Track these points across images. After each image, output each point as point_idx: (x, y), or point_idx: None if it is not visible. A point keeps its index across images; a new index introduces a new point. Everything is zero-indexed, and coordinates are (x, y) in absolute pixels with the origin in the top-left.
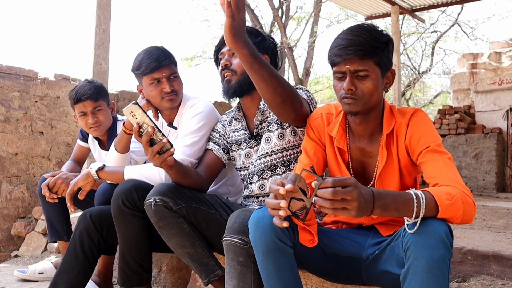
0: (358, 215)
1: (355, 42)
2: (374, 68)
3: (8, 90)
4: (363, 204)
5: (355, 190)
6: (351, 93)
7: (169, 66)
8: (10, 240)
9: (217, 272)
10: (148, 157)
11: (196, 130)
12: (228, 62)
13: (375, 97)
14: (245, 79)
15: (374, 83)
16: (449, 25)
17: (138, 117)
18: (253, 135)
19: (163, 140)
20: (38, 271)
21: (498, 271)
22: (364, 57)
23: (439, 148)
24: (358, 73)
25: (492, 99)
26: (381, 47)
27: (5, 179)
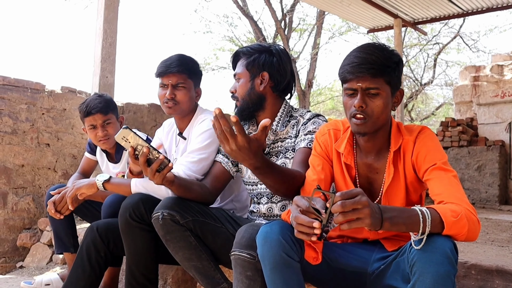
0: (372, 222)
1: (367, 60)
2: (384, 87)
3: (15, 103)
4: (374, 212)
5: (364, 197)
6: (361, 110)
7: (176, 74)
8: (15, 251)
9: (223, 285)
10: (148, 176)
11: (204, 147)
12: (234, 89)
13: (384, 116)
14: (244, 104)
15: (384, 102)
16: (451, 37)
17: (131, 140)
18: (264, 153)
19: (159, 157)
20: (44, 282)
21: (501, 286)
22: (376, 75)
23: (445, 166)
24: (369, 90)
25: (494, 111)
26: (392, 67)
27: (11, 190)
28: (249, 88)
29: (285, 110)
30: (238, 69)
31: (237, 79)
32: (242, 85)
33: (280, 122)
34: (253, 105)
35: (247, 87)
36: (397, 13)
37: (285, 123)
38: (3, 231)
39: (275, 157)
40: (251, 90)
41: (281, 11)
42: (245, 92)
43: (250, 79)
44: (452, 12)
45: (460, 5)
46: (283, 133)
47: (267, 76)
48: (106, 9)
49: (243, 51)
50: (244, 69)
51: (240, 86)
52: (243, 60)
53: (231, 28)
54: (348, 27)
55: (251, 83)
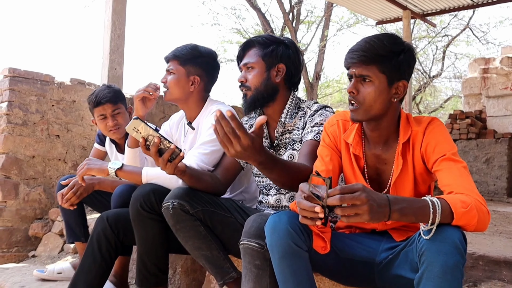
0: (372, 218)
1: (361, 48)
2: (378, 75)
3: (25, 94)
4: (375, 208)
5: (363, 194)
6: (352, 96)
7: (170, 60)
8: (27, 241)
9: (232, 274)
10: (160, 166)
11: (215, 139)
12: (244, 78)
13: (378, 105)
14: (258, 94)
15: (376, 90)
16: (461, 29)
17: (142, 131)
18: (273, 145)
19: (171, 147)
20: (56, 271)
21: (509, 276)
22: (367, 62)
23: (454, 157)
24: (362, 77)
25: (504, 104)
26: (388, 56)
27: (23, 181)
28: (265, 78)
29: (293, 101)
30: (250, 58)
31: (249, 68)
32: (257, 75)
33: (288, 114)
34: (267, 95)
35: (263, 77)
36: (406, 5)
37: (293, 114)
38: (16, 221)
39: (284, 149)
40: (267, 81)
41: (289, 3)
42: (260, 82)
43: (266, 69)
44: (461, 4)
45: None
46: (291, 124)
47: (284, 68)
48: (114, 1)
49: (259, 40)
50: (260, 59)
51: (254, 76)
52: (258, 50)
53: (239, 20)
54: (356, 19)
55: (267, 74)
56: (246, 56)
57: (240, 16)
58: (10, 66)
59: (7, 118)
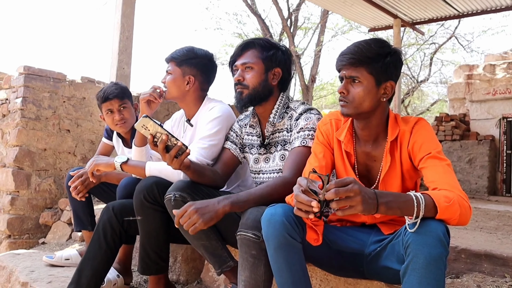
0: (364, 209)
1: (350, 51)
2: (366, 76)
3: (39, 91)
4: (367, 198)
5: (355, 185)
6: (343, 96)
7: (170, 62)
8: (38, 228)
9: (229, 263)
10: (167, 162)
11: (213, 134)
12: (241, 77)
13: (366, 104)
14: (255, 93)
15: (365, 90)
16: (447, 38)
17: (150, 128)
18: (264, 144)
19: (177, 144)
20: (64, 257)
21: (489, 269)
22: (355, 64)
23: (439, 155)
24: (352, 78)
25: (486, 108)
26: (376, 59)
27: (35, 172)
28: (263, 79)
29: (282, 102)
30: (250, 58)
31: (248, 68)
32: (256, 75)
33: (277, 114)
34: (263, 96)
35: (261, 78)
36: (396, 14)
37: (282, 114)
38: (27, 210)
39: (274, 147)
40: (265, 82)
41: (287, 10)
42: (258, 83)
43: (264, 71)
44: (448, 14)
45: (456, 7)
46: (280, 124)
47: (280, 73)
48: (123, 4)
49: (260, 43)
50: (259, 61)
51: (253, 76)
52: (258, 51)
53: (240, 25)
54: (350, 26)
55: (265, 76)
56: (244, 56)
57: (241, 21)
58: (25, 64)
59: (21, 113)
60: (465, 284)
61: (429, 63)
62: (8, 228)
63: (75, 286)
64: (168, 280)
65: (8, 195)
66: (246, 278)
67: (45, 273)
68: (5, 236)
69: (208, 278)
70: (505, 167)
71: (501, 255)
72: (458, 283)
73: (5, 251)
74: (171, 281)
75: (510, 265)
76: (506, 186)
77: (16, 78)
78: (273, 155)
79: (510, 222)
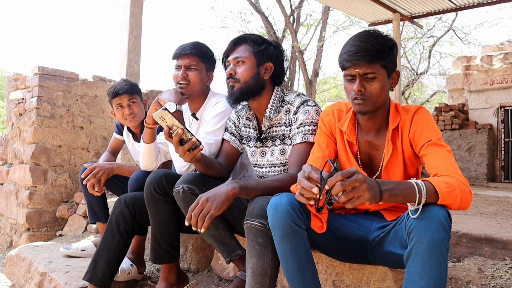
0: (371, 197)
1: (363, 48)
2: (381, 71)
3: (53, 90)
4: (372, 186)
5: (359, 175)
6: (360, 94)
7: (190, 56)
8: (55, 221)
9: (238, 252)
10: (179, 154)
11: (218, 129)
12: (233, 71)
13: (383, 97)
14: (247, 87)
15: (381, 84)
16: (445, 31)
17: (168, 120)
18: (260, 138)
19: (192, 139)
20: (80, 248)
21: (489, 252)
22: (371, 61)
23: (439, 142)
24: (366, 75)
25: (484, 98)
26: (387, 52)
27: (51, 168)
28: (255, 73)
29: (277, 96)
30: (242, 53)
31: (240, 62)
32: (247, 69)
33: (273, 108)
34: (255, 90)
35: (253, 72)
36: (395, 8)
37: (278, 108)
38: (45, 204)
39: (271, 141)
40: (257, 76)
41: (289, 7)
42: (250, 77)
43: (256, 65)
44: (445, 7)
45: (453, 0)
46: (277, 118)
47: (272, 67)
48: (132, 5)
49: (252, 38)
50: (251, 55)
51: (245, 70)
52: (250, 46)
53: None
54: (350, 21)
55: (257, 69)
56: (236, 50)
57: (245, 20)
58: (40, 65)
59: (37, 112)
60: (467, 267)
61: (428, 55)
62: (27, 222)
63: (91, 275)
64: (179, 269)
65: (26, 190)
66: (253, 265)
67: (63, 264)
68: (24, 229)
69: (218, 266)
70: (503, 154)
71: (500, 238)
72: (460, 266)
73: (24, 243)
74: (183, 269)
75: (510, 248)
76: (504, 173)
77: (31, 78)
78: (271, 149)
79: (509, 207)
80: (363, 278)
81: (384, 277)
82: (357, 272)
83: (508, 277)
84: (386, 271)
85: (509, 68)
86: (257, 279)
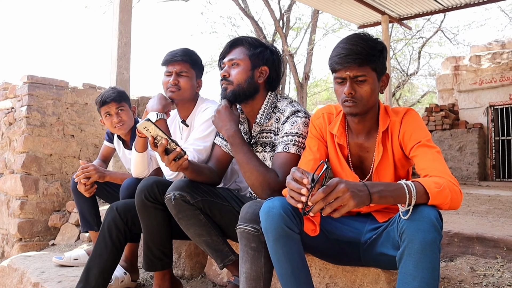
0: (357, 203)
1: (353, 51)
2: (371, 74)
3: (43, 99)
4: (356, 192)
5: (341, 184)
6: (351, 97)
7: (180, 63)
8: (47, 231)
9: (231, 257)
10: (165, 163)
11: (207, 135)
12: (227, 73)
13: (373, 99)
14: (240, 90)
15: (372, 87)
16: (434, 32)
17: (152, 131)
18: (250, 143)
19: (176, 150)
20: (73, 257)
21: (481, 251)
22: (362, 64)
23: (429, 143)
24: (357, 78)
25: (473, 97)
26: (377, 55)
27: (42, 177)
28: (249, 76)
29: (269, 102)
30: (237, 55)
31: (234, 65)
32: (241, 72)
33: (264, 114)
34: (248, 93)
35: (247, 75)
36: (384, 10)
37: (269, 114)
38: (36, 213)
39: (260, 147)
40: (251, 79)
41: (279, 11)
42: (244, 79)
43: (250, 68)
44: (434, 8)
45: (441, 1)
46: (268, 125)
47: (267, 71)
48: (121, 12)
49: (248, 40)
50: (246, 58)
51: (239, 72)
52: (245, 49)
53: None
54: (340, 24)
55: (251, 73)
56: (232, 52)
57: (235, 24)
58: (29, 74)
59: (27, 121)
60: (459, 266)
61: (417, 56)
62: (19, 232)
63: (83, 284)
64: (173, 275)
65: (17, 200)
66: (247, 270)
67: (55, 273)
68: (16, 239)
69: (212, 272)
70: (494, 153)
71: (492, 237)
72: (452, 266)
73: (16, 253)
74: (176, 276)
75: (501, 247)
76: (495, 172)
77: (20, 87)
78: (261, 155)
79: (500, 205)
80: (356, 280)
81: (377, 279)
82: (350, 275)
83: (500, 275)
84: (379, 273)
85: (498, 67)
86: (250, 284)
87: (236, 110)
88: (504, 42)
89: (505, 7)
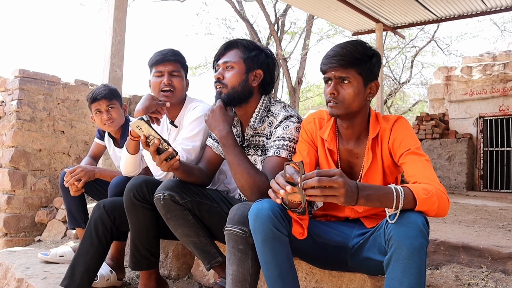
0: (346, 201)
1: (339, 53)
2: (356, 77)
3: (34, 93)
4: (349, 191)
5: (341, 178)
6: (333, 97)
7: (173, 63)
8: (34, 227)
9: (218, 259)
10: (156, 163)
11: (196, 135)
12: (221, 75)
13: (356, 103)
14: (234, 93)
15: (355, 90)
16: (427, 41)
17: (144, 130)
18: (243, 146)
19: (168, 150)
20: (59, 254)
21: (466, 260)
22: (346, 66)
23: (418, 151)
24: (341, 79)
25: (464, 108)
26: (364, 60)
27: (30, 172)
28: (243, 80)
29: (263, 105)
30: (232, 57)
31: (229, 67)
32: (236, 75)
33: (257, 117)
34: (243, 97)
35: (241, 78)
36: (378, 18)
37: (263, 118)
38: (23, 209)
39: (253, 150)
40: (245, 82)
41: (274, 15)
42: (238, 82)
43: (245, 71)
44: (427, 18)
45: (435, 12)
46: (260, 128)
47: (261, 75)
48: (115, 10)
49: (243, 43)
50: (241, 60)
51: (233, 75)
52: (240, 51)
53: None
54: (334, 30)
55: (245, 76)
56: (226, 55)
57: (230, 26)
58: (21, 68)
59: (17, 115)
60: (444, 275)
61: (410, 65)
62: (5, 227)
63: (68, 281)
64: (159, 275)
65: (4, 195)
66: (233, 272)
67: (40, 270)
68: (1, 234)
69: (198, 273)
70: (482, 163)
71: (477, 246)
72: (438, 274)
73: (1, 248)
74: (163, 276)
75: (486, 256)
76: (483, 182)
77: (11, 81)
78: (253, 158)
79: (486, 215)
80: (342, 285)
81: (363, 284)
82: (336, 280)
83: (484, 285)
84: (365, 278)
85: (488, 79)
86: (237, 286)
87: (231, 111)
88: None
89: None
